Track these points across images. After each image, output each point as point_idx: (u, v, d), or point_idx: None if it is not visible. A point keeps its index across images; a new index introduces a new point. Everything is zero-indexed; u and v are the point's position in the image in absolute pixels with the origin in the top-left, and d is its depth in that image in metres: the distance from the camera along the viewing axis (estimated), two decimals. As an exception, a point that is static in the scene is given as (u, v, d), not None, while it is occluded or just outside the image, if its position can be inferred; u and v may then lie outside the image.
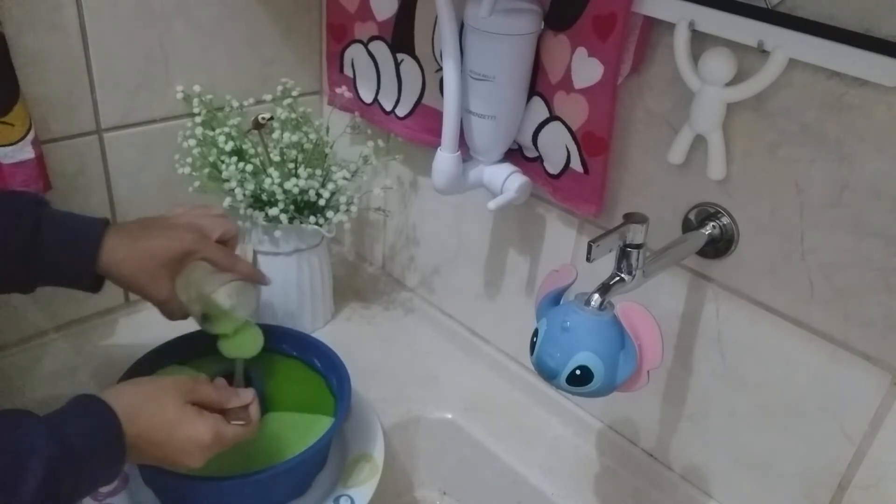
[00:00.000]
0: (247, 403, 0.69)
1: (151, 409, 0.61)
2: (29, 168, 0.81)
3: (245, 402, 0.69)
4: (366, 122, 0.99)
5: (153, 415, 0.61)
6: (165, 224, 0.72)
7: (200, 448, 0.63)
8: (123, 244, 0.69)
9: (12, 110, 0.78)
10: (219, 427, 0.64)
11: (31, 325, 0.93)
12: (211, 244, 0.73)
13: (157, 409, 0.62)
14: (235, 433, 0.66)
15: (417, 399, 0.93)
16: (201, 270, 0.73)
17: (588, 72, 0.71)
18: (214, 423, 0.64)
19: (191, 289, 0.73)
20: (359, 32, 0.94)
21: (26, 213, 0.66)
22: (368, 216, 1.10)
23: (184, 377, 0.67)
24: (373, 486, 0.77)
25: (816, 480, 0.69)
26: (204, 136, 0.90)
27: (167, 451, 0.62)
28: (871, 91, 0.57)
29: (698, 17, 0.62)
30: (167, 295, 0.71)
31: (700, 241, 0.69)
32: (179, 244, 0.70)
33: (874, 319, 0.62)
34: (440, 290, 1.04)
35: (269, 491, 0.73)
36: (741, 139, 0.65)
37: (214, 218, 0.75)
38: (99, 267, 0.68)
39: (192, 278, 0.73)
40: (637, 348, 0.60)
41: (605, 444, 0.87)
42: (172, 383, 0.65)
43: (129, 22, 0.86)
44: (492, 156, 0.81)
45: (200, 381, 0.68)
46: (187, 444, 0.62)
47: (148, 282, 0.70)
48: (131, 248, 0.69)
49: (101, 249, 0.68)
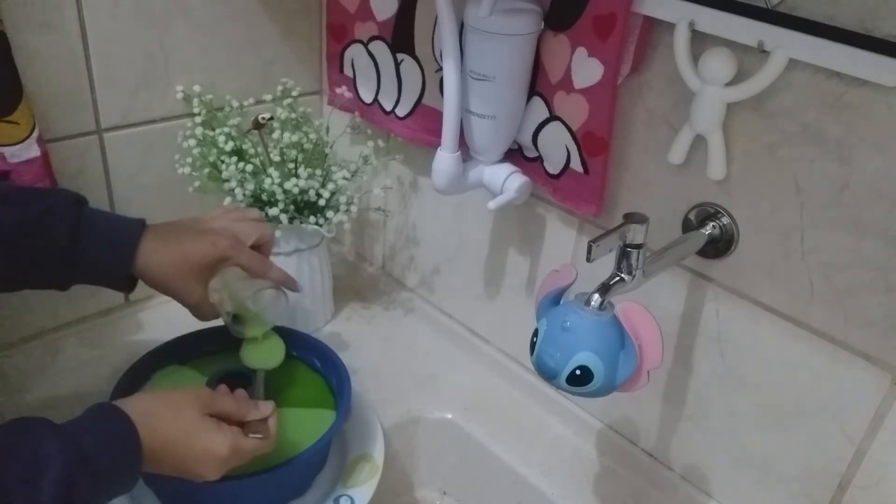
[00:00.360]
0: (266, 416, 0.69)
1: (169, 420, 0.61)
2: (36, 166, 0.81)
3: (264, 415, 0.69)
4: (366, 122, 0.99)
5: (171, 426, 0.61)
6: (200, 228, 0.72)
7: (217, 461, 0.63)
8: (159, 249, 0.69)
9: (17, 109, 0.78)
10: (236, 440, 0.64)
11: (32, 325, 0.93)
12: (245, 251, 0.72)
13: (175, 420, 0.62)
14: (253, 446, 0.66)
15: (417, 399, 0.93)
16: (234, 274, 0.73)
17: (588, 72, 0.71)
18: (232, 436, 0.64)
19: (223, 291, 0.73)
20: (359, 32, 0.94)
21: (66, 212, 0.67)
22: (368, 216, 1.10)
23: (204, 389, 0.68)
24: (373, 486, 0.77)
25: (816, 480, 0.69)
26: (204, 136, 0.90)
27: (184, 462, 0.62)
28: (871, 91, 0.57)
29: (698, 17, 0.62)
30: (198, 299, 0.72)
31: (700, 241, 0.69)
32: (213, 250, 0.70)
33: (874, 319, 0.62)
34: (440, 290, 1.04)
35: (268, 491, 0.73)
36: (741, 139, 0.65)
37: (250, 222, 0.75)
38: (134, 270, 0.69)
39: (226, 281, 0.73)
40: (637, 348, 0.60)
41: (605, 444, 0.87)
42: (192, 394, 0.65)
43: (129, 22, 0.86)
44: (492, 156, 0.81)
45: (220, 393, 0.68)
46: (204, 457, 0.62)
47: (181, 286, 0.70)
48: (166, 253, 0.69)
49: (136, 253, 0.68)
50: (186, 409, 0.63)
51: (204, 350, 0.84)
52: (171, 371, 0.83)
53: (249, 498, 0.73)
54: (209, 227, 0.73)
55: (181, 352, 0.84)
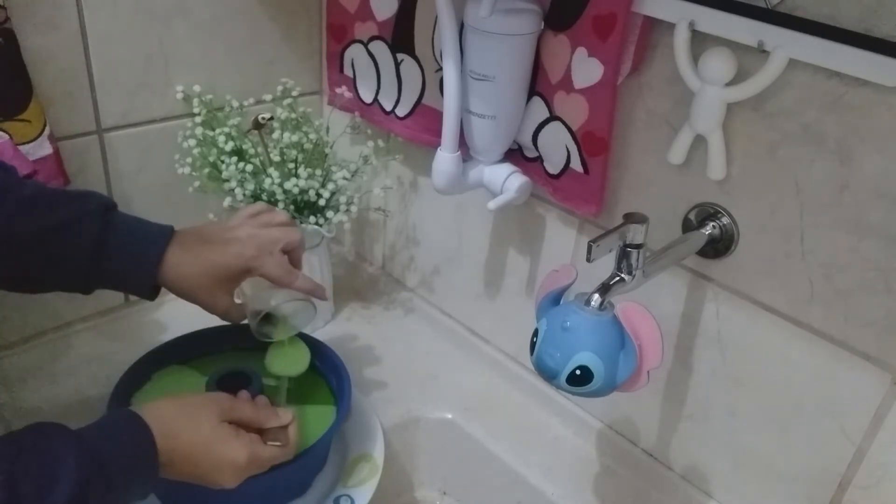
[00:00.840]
0: (285, 424, 0.68)
1: (187, 427, 0.61)
2: (49, 164, 0.81)
3: (284, 422, 0.68)
4: (366, 122, 0.99)
5: (188, 433, 0.61)
6: (226, 237, 0.71)
7: (235, 468, 0.62)
8: (183, 260, 0.68)
9: (28, 107, 0.78)
10: (254, 448, 0.64)
11: (32, 324, 0.93)
12: (269, 261, 0.70)
13: (194, 426, 0.61)
14: (272, 455, 0.66)
15: (417, 399, 0.93)
16: (261, 284, 0.72)
17: (588, 72, 0.71)
18: (250, 444, 0.64)
19: (249, 298, 0.73)
20: (359, 32, 0.94)
21: (93, 220, 0.67)
22: (368, 216, 1.10)
23: (223, 395, 0.67)
24: (373, 486, 0.77)
25: (816, 480, 0.69)
26: (204, 136, 0.90)
27: (201, 469, 0.62)
28: (871, 91, 0.57)
29: (698, 17, 0.62)
30: (225, 308, 0.71)
31: (700, 241, 0.69)
32: (238, 261, 0.69)
33: (874, 319, 0.62)
34: (440, 290, 1.04)
35: (268, 490, 0.73)
36: (741, 139, 0.65)
37: (277, 228, 0.73)
38: (159, 279, 0.69)
39: (253, 289, 0.73)
40: (637, 348, 0.60)
41: (605, 444, 0.87)
42: (211, 400, 0.65)
43: (129, 22, 0.86)
44: (492, 156, 0.81)
45: (240, 400, 0.68)
46: (222, 465, 0.62)
47: (206, 297, 0.70)
48: (191, 265, 0.69)
49: (161, 263, 0.68)
50: (204, 415, 0.63)
51: (204, 350, 0.85)
52: (171, 371, 0.83)
53: (248, 497, 0.73)
54: (234, 236, 0.71)
55: (181, 352, 0.84)
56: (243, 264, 0.69)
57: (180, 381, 0.82)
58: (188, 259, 0.69)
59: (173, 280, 0.69)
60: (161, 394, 0.79)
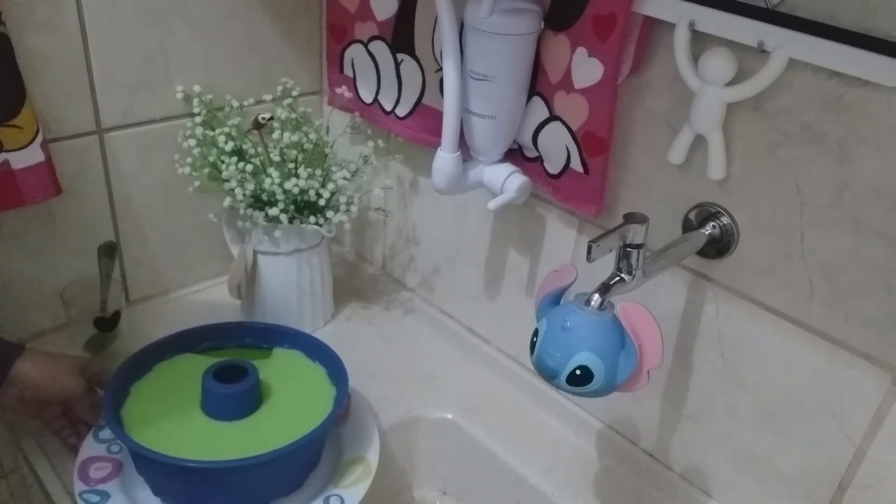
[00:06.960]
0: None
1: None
2: (40, 172, 0.81)
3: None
4: (366, 122, 0.99)
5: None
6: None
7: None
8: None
9: (20, 113, 0.77)
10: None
11: (33, 324, 0.93)
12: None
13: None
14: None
15: (417, 399, 0.93)
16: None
17: (588, 72, 0.71)
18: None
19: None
20: (359, 32, 0.94)
21: None
22: (368, 216, 1.10)
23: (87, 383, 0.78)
24: (364, 489, 0.77)
25: (816, 480, 0.69)
26: (204, 136, 0.90)
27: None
28: (871, 91, 0.57)
29: (698, 17, 0.62)
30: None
31: (700, 241, 0.69)
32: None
33: (874, 319, 0.62)
34: (440, 290, 1.04)
35: (260, 479, 0.73)
36: (741, 139, 0.65)
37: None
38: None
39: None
40: (637, 348, 0.60)
41: (605, 444, 0.87)
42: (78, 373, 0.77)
43: (129, 22, 0.86)
44: (492, 156, 0.81)
45: (91, 395, 0.78)
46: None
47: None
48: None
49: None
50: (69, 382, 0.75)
51: (205, 345, 0.86)
52: (175, 361, 0.84)
53: (241, 485, 0.73)
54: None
55: (184, 345, 0.85)
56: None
57: (184, 370, 0.83)
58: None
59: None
60: (160, 383, 0.81)
